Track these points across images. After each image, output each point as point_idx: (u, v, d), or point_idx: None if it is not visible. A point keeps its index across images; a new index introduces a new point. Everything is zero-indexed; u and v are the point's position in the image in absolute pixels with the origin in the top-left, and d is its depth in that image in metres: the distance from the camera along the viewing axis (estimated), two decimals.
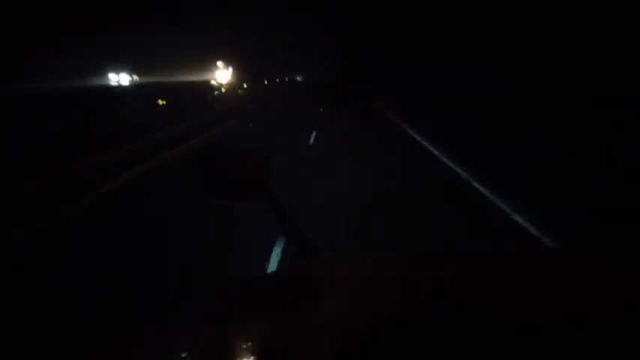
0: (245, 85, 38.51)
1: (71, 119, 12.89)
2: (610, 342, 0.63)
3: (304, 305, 0.84)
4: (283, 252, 3.53)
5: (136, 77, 40.66)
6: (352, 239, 3.99)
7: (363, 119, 16.18)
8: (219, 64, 36.34)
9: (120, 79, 39.42)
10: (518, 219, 4.59)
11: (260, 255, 3.56)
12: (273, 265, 3.30)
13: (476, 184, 6.05)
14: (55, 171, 6.83)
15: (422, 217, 4.74)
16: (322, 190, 5.96)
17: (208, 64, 36.76)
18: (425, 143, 9.70)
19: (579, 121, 10.04)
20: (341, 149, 9.59)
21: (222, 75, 36.26)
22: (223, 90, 32.95)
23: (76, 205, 5.72)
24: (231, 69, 37.06)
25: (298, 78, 71.47)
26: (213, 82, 34.63)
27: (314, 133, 12.03)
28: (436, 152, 8.55)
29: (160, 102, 22.52)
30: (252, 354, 0.66)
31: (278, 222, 1.12)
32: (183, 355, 0.68)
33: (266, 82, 49.76)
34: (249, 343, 0.69)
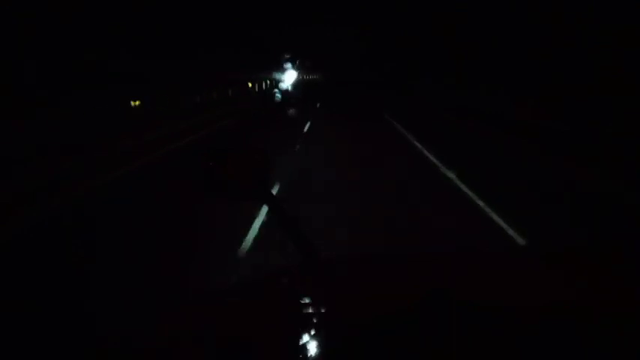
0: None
1: None
2: (598, 338, 0.64)
3: (304, 305, 0.84)
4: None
5: None
6: None
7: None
8: None
9: None
10: None
11: None
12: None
13: None
14: None
15: None
16: None
17: None
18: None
19: None
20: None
21: None
22: None
23: None
24: None
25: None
26: None
27: None
28: None
29: None
30: (253, 354, 0.66)
31: (278, 222, 1.12)
32: (184, 354, 0.68)
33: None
34: (250, 343, 0.69)
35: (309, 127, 12.95)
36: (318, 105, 22.24)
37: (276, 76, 32.05)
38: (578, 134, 8.22)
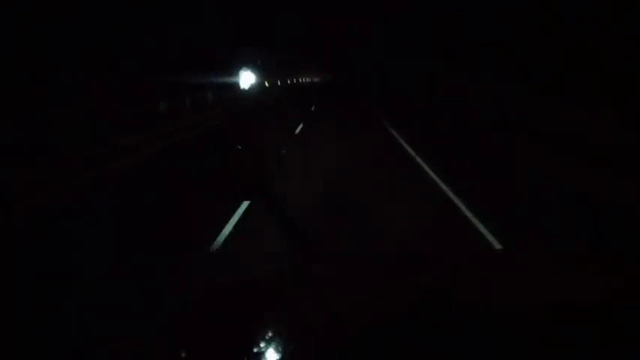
0: None
1: None
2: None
3: (304, 305, 0.84)
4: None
5: None
6: None
7: None
8: None
9: None
10: None
11: None
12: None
13: None
14: None
15: None
16: None
17: None
18: None
19: None
20: None
21: None
22: None
23: None
24: None
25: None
26: None
27: None
28: None
29: None
30: (252, 354, 0.66)
31: (278, 222, 1.12)
32: (184, 355, 0.68)
33: None
34: (250, 343, 0.69)
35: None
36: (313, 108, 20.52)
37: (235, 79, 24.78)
38: None
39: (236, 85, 24.52)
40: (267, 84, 38.21)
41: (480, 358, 0.61)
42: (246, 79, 26.98)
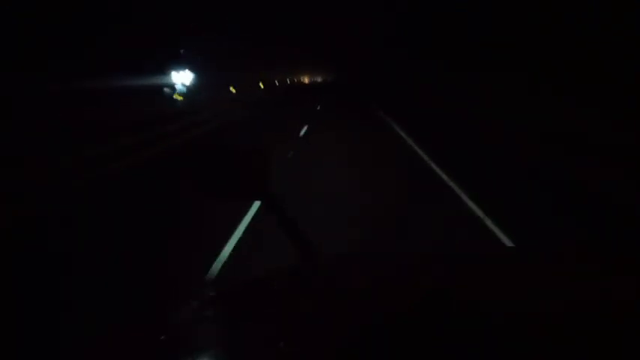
0: None
1: None
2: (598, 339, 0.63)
3: (304, 305, 0.84)
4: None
5: None
6: None
7: None
8: None
9: None
10: None
11: None
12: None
13: None
14: None
15: None
16: None
17: None
18: None
19: None
20: None
21: None
22: None
23: None
24: None
25: None
26: None
27: None
28: None
29: None
30: (253, 354, 0.66)
31: (278, 222, 1.12)
32: (184, 355, 0.68)
33: None
34: (250, 343, 0.69)
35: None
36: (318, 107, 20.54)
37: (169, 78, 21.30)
38: None
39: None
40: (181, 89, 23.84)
41: (480, 358, 0.61)
42: (183, 78, 22.92)
